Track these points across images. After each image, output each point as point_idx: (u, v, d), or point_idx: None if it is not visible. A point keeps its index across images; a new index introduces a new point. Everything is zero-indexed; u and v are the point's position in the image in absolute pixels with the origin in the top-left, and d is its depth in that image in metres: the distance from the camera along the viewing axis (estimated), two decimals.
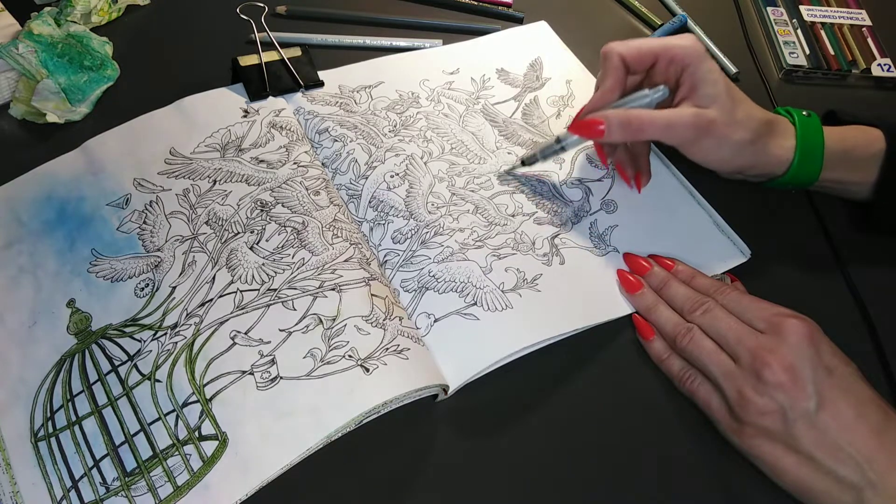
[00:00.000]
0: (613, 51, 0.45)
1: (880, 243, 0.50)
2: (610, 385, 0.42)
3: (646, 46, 0.45)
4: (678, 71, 0.45)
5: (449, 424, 0.39)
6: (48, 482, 0.35)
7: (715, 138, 0.43)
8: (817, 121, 0.47)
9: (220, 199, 0.45)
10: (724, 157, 0.45)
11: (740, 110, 0.44)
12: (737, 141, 0.44)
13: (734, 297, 0.41)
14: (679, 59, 0.44)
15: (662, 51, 0.45)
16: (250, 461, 0.35)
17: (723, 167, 0.46)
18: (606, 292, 0.45)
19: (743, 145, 0.44)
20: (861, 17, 0.67)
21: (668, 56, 0.45)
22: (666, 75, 0.46)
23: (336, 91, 0.53)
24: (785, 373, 0.36)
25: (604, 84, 0.46)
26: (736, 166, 0.46)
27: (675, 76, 0.45)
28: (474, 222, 0.47)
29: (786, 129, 0.46)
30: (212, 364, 0.38)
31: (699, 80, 0.44)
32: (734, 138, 0.43)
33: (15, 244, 0.43)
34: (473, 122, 0.53)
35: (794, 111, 0.47)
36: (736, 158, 0.45)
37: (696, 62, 0.44)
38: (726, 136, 0.43)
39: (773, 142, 0.45)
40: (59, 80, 0.49)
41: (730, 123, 0.43)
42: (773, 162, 0.46)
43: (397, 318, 0.41)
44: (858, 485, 0.35)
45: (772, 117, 0.46)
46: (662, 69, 0.46)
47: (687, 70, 0.44)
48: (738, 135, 0.43)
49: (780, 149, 0.45)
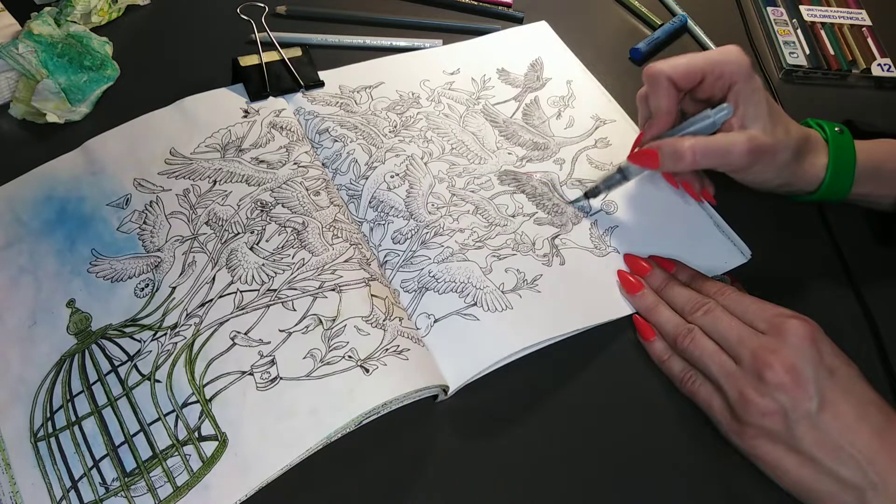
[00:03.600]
0: (661, 73, 0.44)
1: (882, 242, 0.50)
2: (610, 385, 0.42)
3: (693, 64, 0.44)
4: (725, 87, 0.44)
5: (449, 424, 0.39)
6: (48, 482, 0.35)
7: (763, 163, 0.43)
8: (849, 137, 0.46)
9: (221, 200, 0.45)
10: (768, 178, 0.44)
11: (780, 129, 0.43)
12: (781, 161, 0.43)
13: (735, 298, 0.41)
14: (728, 76, 0.43)
15: (710, 67, 0.43)
16: (250, 461, 0.35)
17: (762, 188, 0.46)
18: (607, 293, 0.45)
19: (786, 165, 0.44)
20: (861, 17, 0.67)
21: (716, 73, 0.43)
22: (712, 91, 0.44)
23: (336, 91, 0.53)
24: (786, 373, 0.36)
25: (659, 109, 0.44)
26: (775, 184, 0.45)
27: (721, 92, 0.44)
28: (474, 223, 0.47)
29: (818, 145, 0.46)
30: (212, 364, 0.38)
31: (745, 100, 0.43)
32: (778, 160, 0.43)
33: (15, 244, 0.43)
34: (474, 122, 0.53)
35: (825, 125, 0.47)
36: (776, 179, 0.45)
37: (743, 80, 0.43)
38: (773, 158, 0.43)
39: (807, 160, 0.45)
40: (59, 80, 0.49)
41: (775, 146, 0.43)
42: (805, 180, 0.45)
43: (397, 318, 0.41)
44: (860, 485, 0.35)
45: (805, 132, 0.45)
46: (709, 85, 0.44)
47: (734, 87, 0.43)
48: (781, 156, 0.43)
49: (813, 167, 0.45)
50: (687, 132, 0.44)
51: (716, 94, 0.44)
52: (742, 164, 0.42)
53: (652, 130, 0.45)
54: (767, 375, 0.36)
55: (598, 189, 0.48)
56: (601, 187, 0.48)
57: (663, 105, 0.44)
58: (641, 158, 0.44)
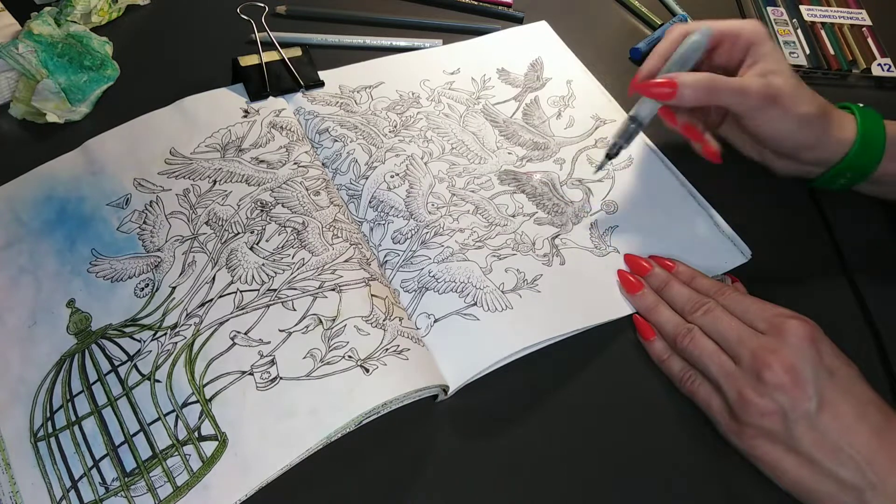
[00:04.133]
0: (676, 28, 0.46)
1: (881, 243, 0.50)
2: (610, 385, 0.42)
3: (711, 24, 0.46)
4: (743, 50, 0.45)
5: (449, 424, 0.39)
6: (48, 482, 0.35)
7: (781, 108, 0.43)
8: (875, 112, 0.47)
9: (221, 200, 0.45)
10: (788, 130, 0.44)
11: (804, 88, 0.44)
12: (802, 114, 0.44)
13: (735, 298, 0.41)
14: (745, 38, 0.45)
15: (728, 31, 0.45)
16: (250, 461, 0.35)
17: (785, 142, 0.46)
18: (607, 293, 0.45)
19: (809, 119, 0.44)
20: (861, 17, 0.67)
21: (732, 36, 0.45)
22: (729, 56, 0.46)
23: (336, 91, 0.53)
24: (786, 374, 0.36)
25: (657, 51, 0.46)
26: (796, 142, 0.45)
27: (739, 56, 0.46)
28: (474, 223, 0.47)
29: (845, 116, 0.46)
30: (211, 364, 0.38)
31: (764, 56, 0.44)
32: (800, 110, 0.44)
33: (15, 244, 0.43)
34: (474, 122, 0.53)
35: (850, 104, 0.48)
36: (799, 133, 0.44)
37: (760, 41, 0.44)
38: (792, 107, 0.43)
39: (835, 123, 0.45)
40: (59, 80, 0.49)
41: (795, 96, 0.43)
42: (833, 143, 0.45)
43: (397, 318, 0.41)
44: (859, 486, 0.35)
45: (830, 105, 0.46)
46: (726, 50, 0.46)
47: (753, 48, 0.45)
48: (803, 108, 0.44)
49: (842, 131, 0.45)
50: (678, 54, 0.45)
51: (734, 58, 0.46)
52: (754, 104, 0.43)
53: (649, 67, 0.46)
54: (766, 376, 0.36)
55: (617, 145, 0.46)
56: (620, 142, 0.46)
57: (661, 48, 0.46)
58: (657, 89, 0.44)
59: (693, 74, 0.44)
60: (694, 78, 0.43)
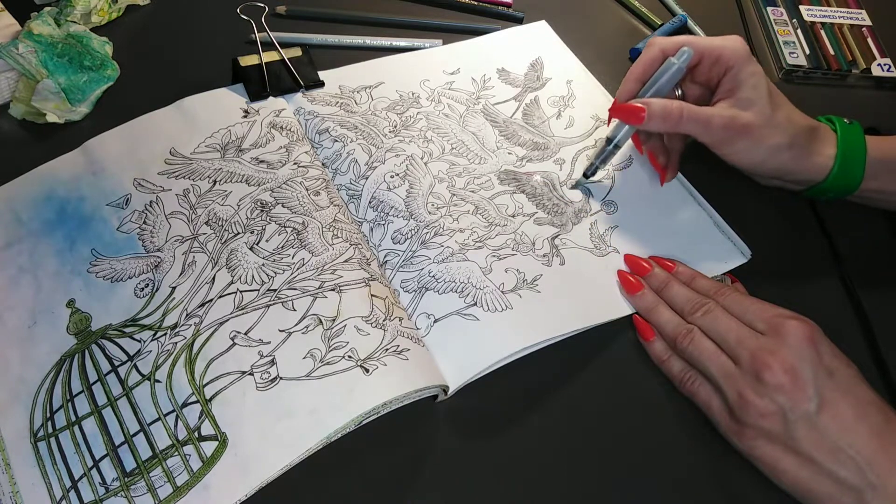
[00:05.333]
0: (655, 43, 0.46)
1: (879, 244, 0.50)
2: (610, 385, 0.42)
3: (689, 42, 0.45)
4: (721, 72, 0.45)
5: (449, 424, 0.39)
6: (48, 482, 0.35)
7: (749, 140, 0.43)
8: (859, 128, 0.47)
9: (220, 200, 0.45)
10: (758, 160, 0.45)
11: (780, 115, 0.44)
12: (771, 145, 0.44)
13: (735, 299, 0.41)
14: (724, 60, 0.44)
15: (708, 51, 0.45)
16: (250, 462, 0.35)
17: (757, 170, 0.46)
18: (606, 293, 0.45)
19: (779, 149, 0.44)
20: (861, 17, 0.67)
21: (713, 56, 0.45)
22: (708, 75, 0.46)
23: (336, 91, 0.53)
24: (785, 374, 0.36)
25: (632, 73, 0.46)
26: (770, 169, 0.46)
27: (717, 77, 0.45)
28: (474, 223, 0.47)
29: (827, 137, 0.46)
30: (211, 364, 0.38)
31: (741, 83, 0.44)
32: (769, 142, 0.44)
33: (15, 244, 0.43)
34: (474, 122, 0.53)
35: (836, 119, 0.47)
36: (770, 161, 0.45)
37: (740, 64, 0.44)
38: (761, 139, 0.43)
39: (814, 148, 0.45)
40: (59, 80, 0.49)
41: (766, 126, 0.43)
42: (812, 168, 0.45)
43: (397, 318, 0.41)
44: (859, 486, 0.35)
45: (814, 124, 0.46)
46: (705, 69, 0.46)
47: (730, 72, 0.44)
48: (773, 139, 0.44)
49: (821, 156, 0.45)
50: (659, 82, 0.45)
51: (713, 78, 0.46)
52: (718, 137, 0.44)
53: (625, 91, 0.46)
54: (766, 376, 0.36)
55: (593, 165, 0.49)
56: (596, 163, 0.49)
57: (636, 70, 0.46)
58: (626, 112, 0.45)
59: (661, 102, 0.44)
60: (661, 105, 0.44)
